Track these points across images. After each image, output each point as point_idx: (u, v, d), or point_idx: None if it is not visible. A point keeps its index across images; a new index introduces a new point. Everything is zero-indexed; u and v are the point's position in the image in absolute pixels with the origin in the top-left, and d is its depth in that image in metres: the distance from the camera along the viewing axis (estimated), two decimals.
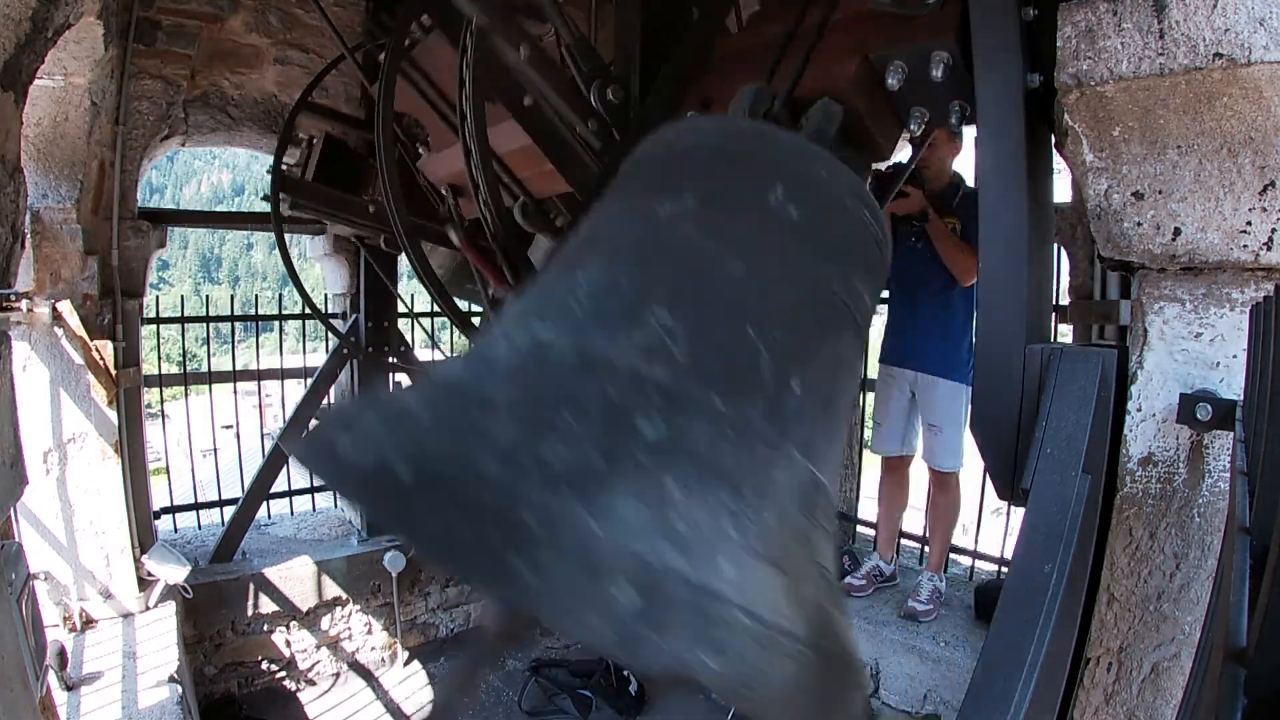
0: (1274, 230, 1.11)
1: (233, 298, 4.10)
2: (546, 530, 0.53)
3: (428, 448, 0.58)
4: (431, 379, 0.72)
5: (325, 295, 4.32)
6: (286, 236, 3.27)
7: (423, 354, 4.21)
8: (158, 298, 4.13)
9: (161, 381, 4.31)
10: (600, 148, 1.58)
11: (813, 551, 0.66)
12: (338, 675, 3.73)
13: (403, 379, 4.16)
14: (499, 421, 0.62)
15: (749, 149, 0.89)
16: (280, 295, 4.57)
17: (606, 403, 0.64)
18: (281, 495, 4.12)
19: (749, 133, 0.94)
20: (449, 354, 5.32)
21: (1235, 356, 1.15)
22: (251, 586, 3.45)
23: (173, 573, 3.01)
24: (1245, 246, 1.13)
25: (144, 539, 3.13)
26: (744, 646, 0.53)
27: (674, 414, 0.65)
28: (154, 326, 3.78)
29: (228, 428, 4.22)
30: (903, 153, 2.76)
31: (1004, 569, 3.23)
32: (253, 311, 4.24)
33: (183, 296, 4.34)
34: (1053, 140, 1.37)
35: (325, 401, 4.10)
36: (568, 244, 0.89)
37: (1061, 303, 2.53)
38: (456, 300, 2.45)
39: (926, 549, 3.30)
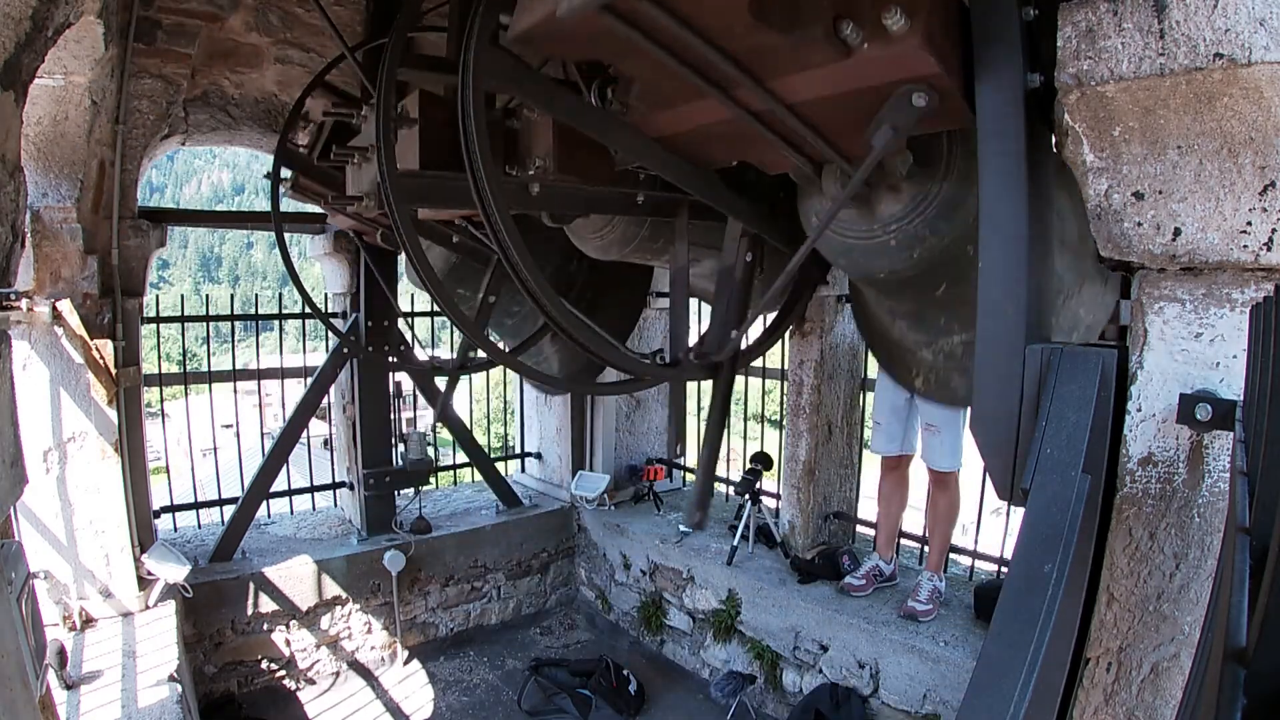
0: (1274, 230, 1.11)
1: (233, 297, 4.09)
2: None
3: None
4: None
5: (325, 294, 4.32)
6: (286, 236, 3.27)
7: (422, 354, 4.20)
8: (158, 297, 4.14)
9: (161, 381, 4.31)
10: None
11: None
12: (337, 674, 3.73)
13: (403, 379, 4.16)
14: None
15: None
16: (280, 295, 4.57)
17: None
18: (281, 495, 4.12)
19: None
20: (449, 353, 5.32)
21: (1235, 356, 1.15)
22: (251, 586, 3.45)
23: (172, 572, 3.01)
24: (1245, 247, 1.13)
25: (144, 538, 3.13)
26: None
27: None
28: (154, 326, 3.78)
29: (228, 427, 4.22)
30: None
31: (1004, 569, 3.22)
32: (253, 311, 4.24)
33: (183, 296, 4.34)
34: (1053, 140, 1.37)
35: (325, 402, 4.10)
36: None
37: None
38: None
39: (926, 549, 3.30)
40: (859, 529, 3.84)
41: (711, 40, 1.24)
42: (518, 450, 5.20)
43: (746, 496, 3.70)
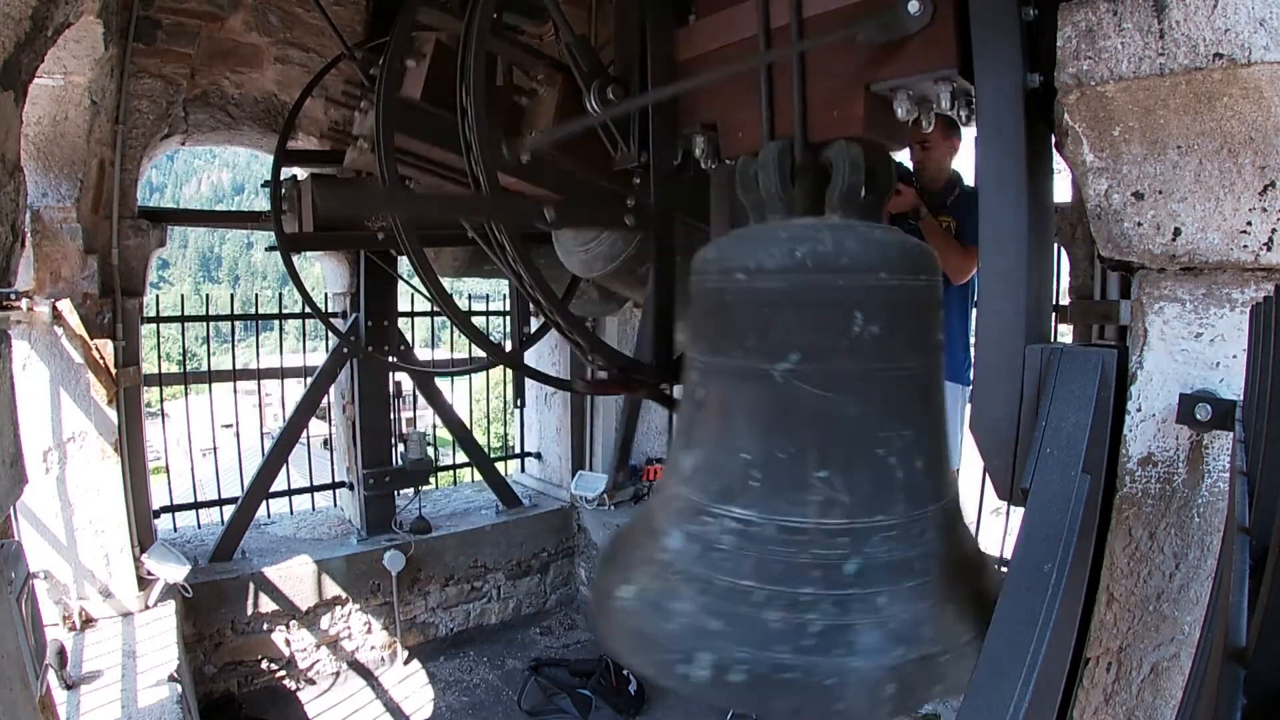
0: (1274, 230, 1.11)
1: (233, 297, 4.10)
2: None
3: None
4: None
5: (325, 294, 4.31)
6: None
7: (423, 353, 4.20)
8: (158, 297, 4.15)
9: (161, 381, 4.31)
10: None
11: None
12: (337, 674, 3.73)
13: (403, 379, 4.15)
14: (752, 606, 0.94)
15: (824, 285, 1.07)
16: (280, 294, 4.57)
17: (816, 562, 0.95)
18: (281, 494, 4.12)
19: (819, 260, 1.08)
20: (448, 353, 5.31)
21: (1235, 356, 1.15)
22: (251, 586, 3.45)
23: (172, 572, 3.01)
24: (1245, 247, 1.13)
25: (144, 538, 3.13)
26: None
27: (859, 545, 0.97)
28: (154, 325, 3.78)
29: (228, 427, 4.22)
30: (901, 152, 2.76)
31: (1004, 569, 3.22)
32: (253, 311, 4.24)
33: (183, 295, 4.34)
34: (1053, 140, 1.37)
35: (325, 402, 4.10)
36: (693, 408, 1.14)
37: (1062, 303, 2.53)
38: (453, 295, 2.43)
39: None
40: None
41: None
42: (517, 450, 5.20)
43: None
